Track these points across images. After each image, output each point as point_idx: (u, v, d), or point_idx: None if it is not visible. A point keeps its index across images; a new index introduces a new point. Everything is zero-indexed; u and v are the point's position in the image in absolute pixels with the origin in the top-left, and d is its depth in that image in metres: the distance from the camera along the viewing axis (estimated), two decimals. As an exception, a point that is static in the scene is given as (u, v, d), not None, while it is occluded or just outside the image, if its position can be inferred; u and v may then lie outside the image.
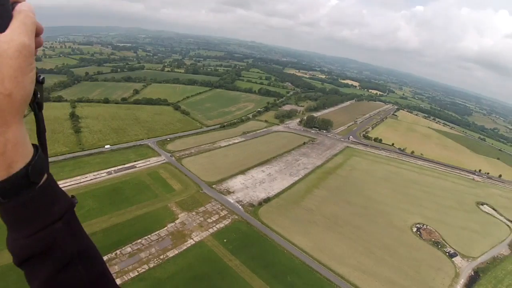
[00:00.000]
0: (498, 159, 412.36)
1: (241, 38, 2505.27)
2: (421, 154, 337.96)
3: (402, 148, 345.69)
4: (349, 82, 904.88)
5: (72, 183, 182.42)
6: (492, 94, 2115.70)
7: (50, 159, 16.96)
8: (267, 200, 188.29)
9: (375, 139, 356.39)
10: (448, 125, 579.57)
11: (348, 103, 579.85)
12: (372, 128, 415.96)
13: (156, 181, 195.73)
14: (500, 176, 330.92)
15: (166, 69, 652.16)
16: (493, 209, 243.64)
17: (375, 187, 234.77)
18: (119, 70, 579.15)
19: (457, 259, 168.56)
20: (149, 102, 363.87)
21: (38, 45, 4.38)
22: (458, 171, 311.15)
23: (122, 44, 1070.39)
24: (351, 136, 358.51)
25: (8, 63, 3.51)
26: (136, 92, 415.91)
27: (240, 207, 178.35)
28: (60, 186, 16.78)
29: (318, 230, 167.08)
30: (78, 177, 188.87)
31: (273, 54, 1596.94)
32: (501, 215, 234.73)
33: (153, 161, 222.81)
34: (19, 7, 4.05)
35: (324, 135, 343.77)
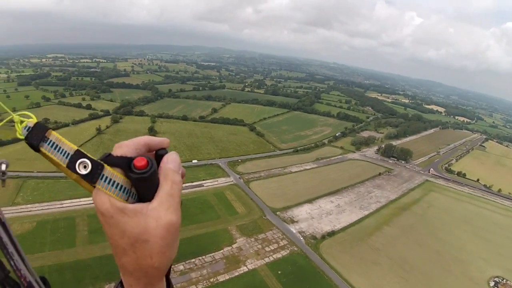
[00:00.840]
0: None
1: (323, 59, 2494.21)
2: (510, 193, 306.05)
3: (488, 185, 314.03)
4: (434, 107, 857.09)
5: None
6: None
7: None
8: (331, 233, 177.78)
9: (459, 173, 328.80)
10: None
11: (431, 131, 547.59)
12: (456, 160, 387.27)
13: (221, 202, 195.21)
14: None
15: (247, 89, 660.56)
16: None
17: (452, 229, 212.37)
18: (200, 88, 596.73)
19: None
20: (226, 121, 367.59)
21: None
22: None
23: (207, 63, 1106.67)
24: (431, 169, 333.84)
25: (156, 241, 3.68)
26: (215, 111, 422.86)
27: (301, 238, 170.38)
28: None
29: (380, 273, 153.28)
30: None
31: (355, 76, 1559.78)
32: None
33: (221, 181, 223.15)
34: (165, 165, 4.21)
35: (403, 166, 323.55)
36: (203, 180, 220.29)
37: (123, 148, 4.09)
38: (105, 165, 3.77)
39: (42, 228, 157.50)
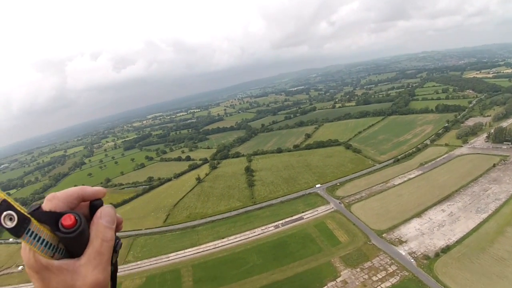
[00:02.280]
0: None
1: (410, 52, 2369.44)
2: None
3: None
4: None
5: (242, 238, 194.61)
6: None
7: (225, 215, 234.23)
8: (446, 249, 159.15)
9: None
10: None
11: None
12: None
13: (322, 232, 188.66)
14: None
15: (337, 105, 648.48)
16: None
17: None
18: (292, 116, 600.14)
19: None
20: (320, 145, 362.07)
21: (118, 230, 4.92)
22: None
23: (295, 88, 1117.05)
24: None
25: None
26: (308, 136, 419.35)
27: (412, 260, 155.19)
28: (230, 241, 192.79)
29: None
30: (247, 232, 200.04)
31: (448, 60, 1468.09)
32: None
33: (321, 210, 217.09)
34: (97, 219, 4.30)
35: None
36: (302, 212, 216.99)
37: (53, 201, 3.98)
38: (32, 219, 3.63)
39: (151, 282, 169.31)
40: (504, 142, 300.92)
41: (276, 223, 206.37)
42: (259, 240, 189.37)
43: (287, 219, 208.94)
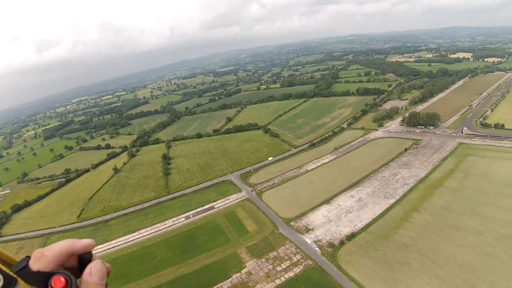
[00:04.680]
0: None
1: (339, 34, 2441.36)
2: None
3: None
4: (461, 55, 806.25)
5: (152, 231, 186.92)
6: None
7: (138, 207, 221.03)
8: (351, 236, 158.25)
9: (496, 126, 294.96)
10: None
11: (460, 82, 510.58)
12: (492, 110, 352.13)
13: (231, 222, 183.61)
14: None
15: (262, 87, 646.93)
16: None
17: (495, 199, 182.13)
18: (216, 98, 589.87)
19: None
20: (239, 129, 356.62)
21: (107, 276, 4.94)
22: None
23: (224, 69, 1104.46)
24: (465, 128, 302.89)
25: None
26: (229, 120, 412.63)
27: (317, 248, 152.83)
28: (141, 235, 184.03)
29: (410, 275, 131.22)
30: (158, 225, 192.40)
31: (374, 43, 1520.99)
32: None
33: (232, 198, 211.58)
34: (87, 277, 4.32)
35: (432, 133, 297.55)
36: (214, 201, 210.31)
37: (42, 261, 3.91)
38: (19, 280, 3.53)
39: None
40: (418, 126, 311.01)
41: (187, 214, 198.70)
42: (169, 233, 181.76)
43: (198, 209, 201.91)
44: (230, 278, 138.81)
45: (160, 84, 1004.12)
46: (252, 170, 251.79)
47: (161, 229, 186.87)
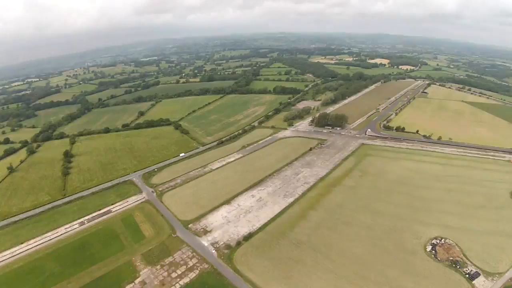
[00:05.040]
0: None
1: (270, 31, 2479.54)
2: (450, 138, 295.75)
3: (427, 135, 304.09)
4: (378, 61, 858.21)
5: (43, 241, 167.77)
6: None
7: (30, 213, 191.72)
8: (248, 237, 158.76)
9: (397, 128, 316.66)
10: (485, 95, 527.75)
11: (373, 87, 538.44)
12: (396, 114, 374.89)
13: (128, 227, 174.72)
14: None
15: (182, 80, 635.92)
16: None
17: (387, 195, 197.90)
18: (133, 90, 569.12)
19: (479, 281, 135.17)
20: (150, 124, 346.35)
21: None
22: (492, 154, 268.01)
23: (147, 59, 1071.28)
24: (369, 130, 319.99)
25: None
26: (141, 114, 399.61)
27: (213, 251, 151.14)
28: (30, 246, 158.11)
29: (304, 271, 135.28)
30: (50, 233, 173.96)
31: (301, 43, 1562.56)
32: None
33: (132, 201, 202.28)
34: None
35: (338, 134, 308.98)
36: (112, 204, 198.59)
37: None
38: None
39: None
40: (326, 127, 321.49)
41: (81, 220, 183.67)
42: (60, 243, 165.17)
43: (94, 214, 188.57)
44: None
45: (77, 71, 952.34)
46: (156, 169, 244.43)
47: (52, 239, 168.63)
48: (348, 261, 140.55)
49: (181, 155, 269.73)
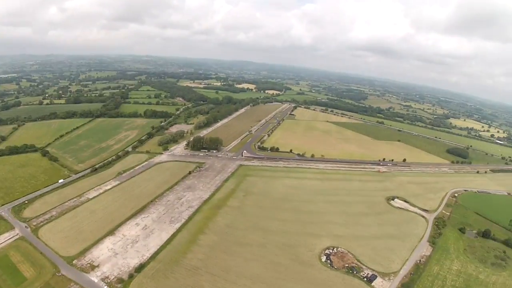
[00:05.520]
0: (399, 141, 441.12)
1: (136, 53, 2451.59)
2: (322, 155, 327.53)
3: (301, 153, 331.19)
4: (246, 85, 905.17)
5: None
6: (383, 75, 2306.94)
7: None
8: (140, 268, 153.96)
9: (272, 149, 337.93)
10: (346, 115, 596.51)
11: (243, 110, 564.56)
12: (269, 136, 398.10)
13: (4, 269, 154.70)
14: (404, 160, 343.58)
15: (45, 101, 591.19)
16: (405, 201, 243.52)
17: (273, 213, 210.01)
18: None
19: (378, 282, 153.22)
20: (13, 151, 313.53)
21: None
22: (362, 166, 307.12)
23: (5, 76, 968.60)
24: (244, 151, 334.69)
25: None
26: (2, 139, 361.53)
27: (105, 287, 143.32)
28: None
29: None
30: None
31: (169, 66, 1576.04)
32: (413, 205, 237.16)
33: (4, 238, 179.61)
34: None
35: (214, 156, 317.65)
36: None
37: None
38: None
39: None
40: (202, 150, 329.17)
41: None
42: None
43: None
44: None
45: None
46: (27, 201, 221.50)
47: None
48: (248, 281, 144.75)
49: (60, 181, 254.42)
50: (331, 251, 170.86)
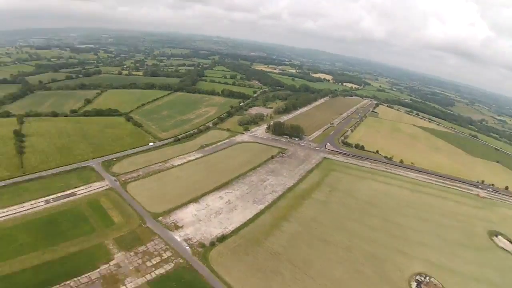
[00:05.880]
0: (497, 162, 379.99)
1: (206, 34, 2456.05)
2: (412, 163, 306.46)
3: (389, 157, 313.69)
4: (322, 76, 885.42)
5: (9, 213, 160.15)
6: (467, 81, 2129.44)
7: None
8: (222, 238, 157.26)
9: (356, 146, 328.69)
10: (434, 121, 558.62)
11: (322, 100, 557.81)
12: (352, 131, 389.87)
13: (95, 212, 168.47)
14: (507, 188, 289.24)
15: (124, 72, 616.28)
16: (510, 241, 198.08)
17: (360, 215, 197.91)
18: (74, 76, 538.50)
19: None
20: (100, 113, 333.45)
21: None
22: (458, 184, 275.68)
23: (84, 46, 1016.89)
24: (328, 144, 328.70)
25: None
26: (88, 102, 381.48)
27: (187, 247, 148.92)
28: None
29: (283, 285, 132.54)
30: (16, 207, 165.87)
31: (240, 49, 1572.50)
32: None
33: (95, 186, 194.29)
34: None
35: (297, 144, 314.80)
36: (75, 187, 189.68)
37: None
38: None
39: None
40: (283, 136, 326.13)
41: (46, 198, 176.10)
42: (28, 216, 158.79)
43: (58, 194, 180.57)
44: (98, 269, 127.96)
45: (9, 50, 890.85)
46: (115, 159, 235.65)
47: (20, 212, 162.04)
48: (329, 283, 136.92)
49: (150, 144, 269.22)
50: (422, 278, 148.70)
